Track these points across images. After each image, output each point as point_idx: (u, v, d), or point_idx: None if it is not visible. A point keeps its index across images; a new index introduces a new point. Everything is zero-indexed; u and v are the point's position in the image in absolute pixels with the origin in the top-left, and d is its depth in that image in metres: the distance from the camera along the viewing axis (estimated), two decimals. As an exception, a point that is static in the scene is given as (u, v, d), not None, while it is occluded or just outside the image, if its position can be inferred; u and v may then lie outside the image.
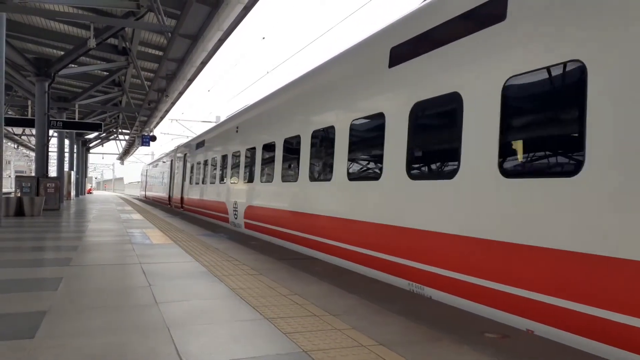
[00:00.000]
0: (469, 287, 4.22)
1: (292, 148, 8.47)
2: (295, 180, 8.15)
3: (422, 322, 3.62)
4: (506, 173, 3.91)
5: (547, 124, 3.64)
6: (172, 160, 24.91)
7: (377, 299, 4.35)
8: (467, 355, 2.93)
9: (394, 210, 5.39)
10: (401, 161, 5.30)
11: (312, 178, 7.53)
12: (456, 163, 4.49)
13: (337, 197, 6.73)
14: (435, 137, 4.93)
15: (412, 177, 5.13)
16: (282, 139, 8.94)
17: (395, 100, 5.51)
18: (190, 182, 19.04)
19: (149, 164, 39.40)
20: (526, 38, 3.88)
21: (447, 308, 4.13)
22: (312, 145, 7.65)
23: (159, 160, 32.06)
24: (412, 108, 5.22)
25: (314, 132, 7.60)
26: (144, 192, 43.25)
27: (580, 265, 3.25)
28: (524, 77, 3.86)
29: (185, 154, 20.81)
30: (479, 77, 4.27)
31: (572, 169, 3.40)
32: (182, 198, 20.75)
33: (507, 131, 3.92)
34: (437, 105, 4.90)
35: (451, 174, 4.53)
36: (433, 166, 4.89)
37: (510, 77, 3.94)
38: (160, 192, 29.42)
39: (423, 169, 5.03)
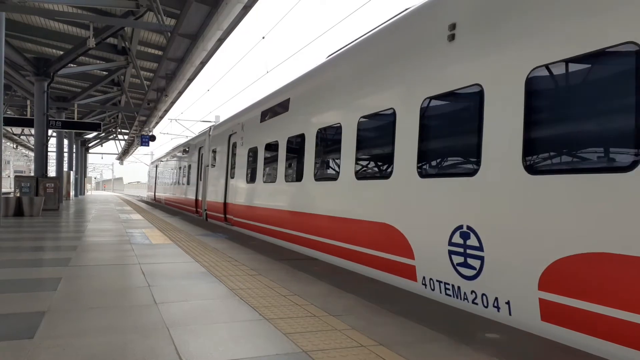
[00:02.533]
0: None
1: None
2: None
3: (422, 322, 3.62)
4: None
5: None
6: (202, 147, 17.30)
7: (376, 299, 4.35)
8: (467, 355, 2.93)
9: None
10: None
11: None
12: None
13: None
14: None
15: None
16: None
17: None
18: (248, 179, 11.26)
19: (163, 156, 30.32)
20: None
21: (447, 308, 4.13)
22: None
23: (178, 149, 24.01)
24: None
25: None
26: (152, 193, 35.53)
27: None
28: None
29: (231, 135, 13.18)
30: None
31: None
32: (225, 205, 13.20)
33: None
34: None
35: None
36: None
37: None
38: (180, 194, 21.75)
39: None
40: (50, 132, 23.47)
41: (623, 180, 3.10)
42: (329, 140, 7.29)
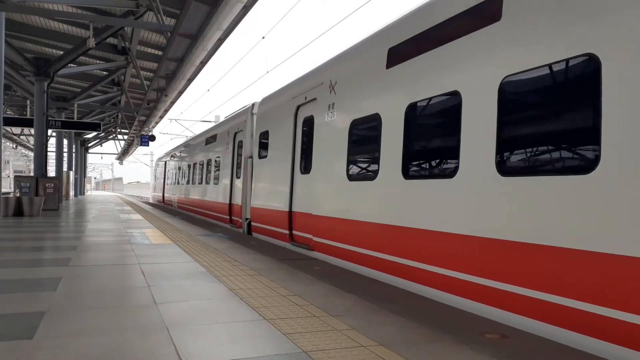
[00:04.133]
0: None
1: None
2: None
3: (422, 322, 3.61)
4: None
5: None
6: (239, 132, 12.66)
7: (376, 299, 4.35)
8: (467, 355, 2.92)
9: None
10: None
11: None
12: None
13: None
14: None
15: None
16: None
17: None
18: (351, 174, 6.65)
19: (174, 150, 24.80)
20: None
21: (447, 308, 4.12)
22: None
23: (197, 139, 19.01)
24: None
25: None
26: (160, 194, 29.42)
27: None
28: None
29: (300, 106, 8.59)
30: None
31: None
32: (291, 215, 8.57)
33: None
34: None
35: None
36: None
37: None
38: (202, 195, 16.71)
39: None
40: (50, 132, 23.46)
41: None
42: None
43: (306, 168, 8.10)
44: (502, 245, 4.03)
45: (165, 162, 27.69)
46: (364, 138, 6.40)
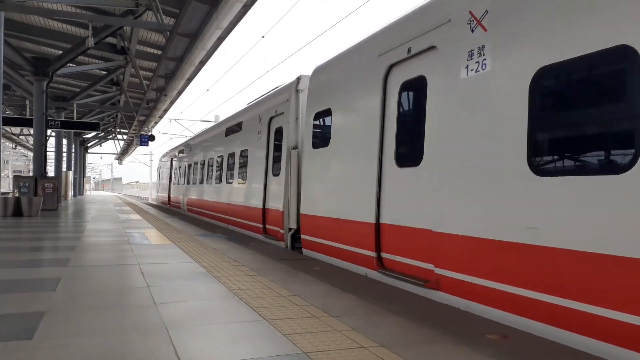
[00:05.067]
0: None
1: None
2: None
3: (422, 323, 3.61)
4: None
5: None
6: (276, 117, 9.88)
7: (376, 300, 4.34)
8: (467, 355, 2.92)
9: None
10: None
11: None
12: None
13: None
14: None
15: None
16: None
17: None
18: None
19: (185, 144, 21.57)
20: None
21: (447, 308, 4.12)
22: None
23: (214, 130, 16.00)
24: None
25: None
26: (165, 195, 26.13)
27: None
28: None
29: (393, 67, 5.84)
30: None
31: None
32: (379, 230, 5.87)
33: None
34: None
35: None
36: None
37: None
38: (223, 197, 13.52)
39: None
40: (49, 131, 23.44)
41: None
42: None
43: (412, 158, 5.31)
44: None
45: (172, 159, 24.42)
46: (574, 98, 3.61)
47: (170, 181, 24.87)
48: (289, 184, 8.67)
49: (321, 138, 7.48)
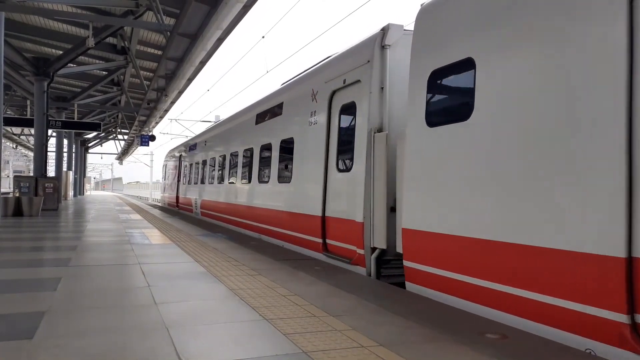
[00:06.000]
0: None
1: None
2: None
3: (422, 322, 3.61)
4: None
5: None
6: (340, 89, 7.13)
7: (376, 299, 4.34)
8: (467, 355, 2.92)
9: None
10: None
11: None
12: None
13: None
14: None
15: None
16: None
17: None
18: None
19: (199, 137, 18.77)
20: None
21: (447, 308, 4.12)
22: None
23: (240, 117, 13.06)
24: None
25: None
26: (173, 196, 23.23)
27: None
28: None
29: None
30: None
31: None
32: (632, 266, 2.92)
33: None
34: None
35: None
36: None
37: None
38: (254, 200, 10.88)
39: None
40: (50, 132, 23.46)
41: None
42: None
43: None
44: None
45: (181, 155, 21.65)
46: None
47: (178, 180, 22.09)
48: (370, 183, 6.08)
49: (449, 109, 4.90)
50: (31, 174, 18.56)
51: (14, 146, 53.93)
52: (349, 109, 6.83)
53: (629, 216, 2.99)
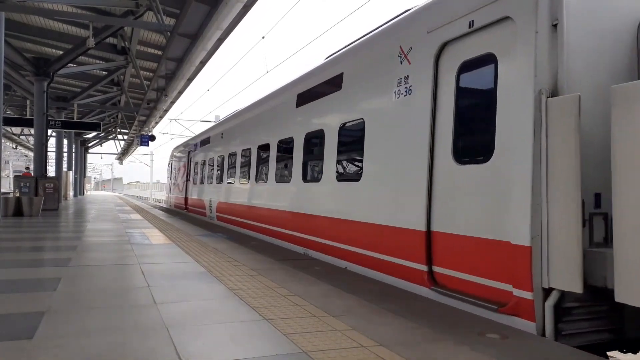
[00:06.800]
0: None
1: None
2: None
3: (422, 322, 3.61)
4: None
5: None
6: (452, 42, 4.82)
7: (376, 299, 4.35)
8: (467, 355, 2.92)
9: None
10: None
11: None
12: None
13: None
14: None
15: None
16: None
17: None
18: None
19: (210, 129, 16.96)
20: None
21: (447, 308, 4.12)
22: None
23: (268, 101, 10.79)
24: None
25: None
26: (181, 197, 20.54)
27: None
28: None
29: None
30: None
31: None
32: None
33: None
34: None
35: None
36: None
37: None
38: (299, 205, 8.26)
39: None
40: (49, 132, 23.44)
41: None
42: None
43: None
44: None
45: (190, 152, 19.25)
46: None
47: (187, 180, 19.48)
48: (539, 180, 3.74)
49: None
50: (31, 174, 18.55)
51: (14, 146, 53.94)
52: (480, 65, 4.56)
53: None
